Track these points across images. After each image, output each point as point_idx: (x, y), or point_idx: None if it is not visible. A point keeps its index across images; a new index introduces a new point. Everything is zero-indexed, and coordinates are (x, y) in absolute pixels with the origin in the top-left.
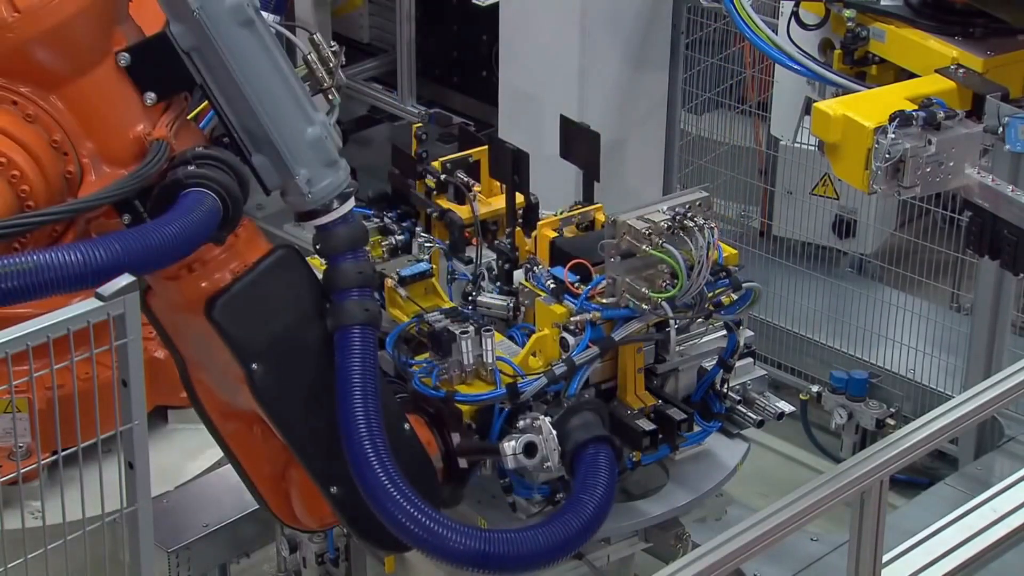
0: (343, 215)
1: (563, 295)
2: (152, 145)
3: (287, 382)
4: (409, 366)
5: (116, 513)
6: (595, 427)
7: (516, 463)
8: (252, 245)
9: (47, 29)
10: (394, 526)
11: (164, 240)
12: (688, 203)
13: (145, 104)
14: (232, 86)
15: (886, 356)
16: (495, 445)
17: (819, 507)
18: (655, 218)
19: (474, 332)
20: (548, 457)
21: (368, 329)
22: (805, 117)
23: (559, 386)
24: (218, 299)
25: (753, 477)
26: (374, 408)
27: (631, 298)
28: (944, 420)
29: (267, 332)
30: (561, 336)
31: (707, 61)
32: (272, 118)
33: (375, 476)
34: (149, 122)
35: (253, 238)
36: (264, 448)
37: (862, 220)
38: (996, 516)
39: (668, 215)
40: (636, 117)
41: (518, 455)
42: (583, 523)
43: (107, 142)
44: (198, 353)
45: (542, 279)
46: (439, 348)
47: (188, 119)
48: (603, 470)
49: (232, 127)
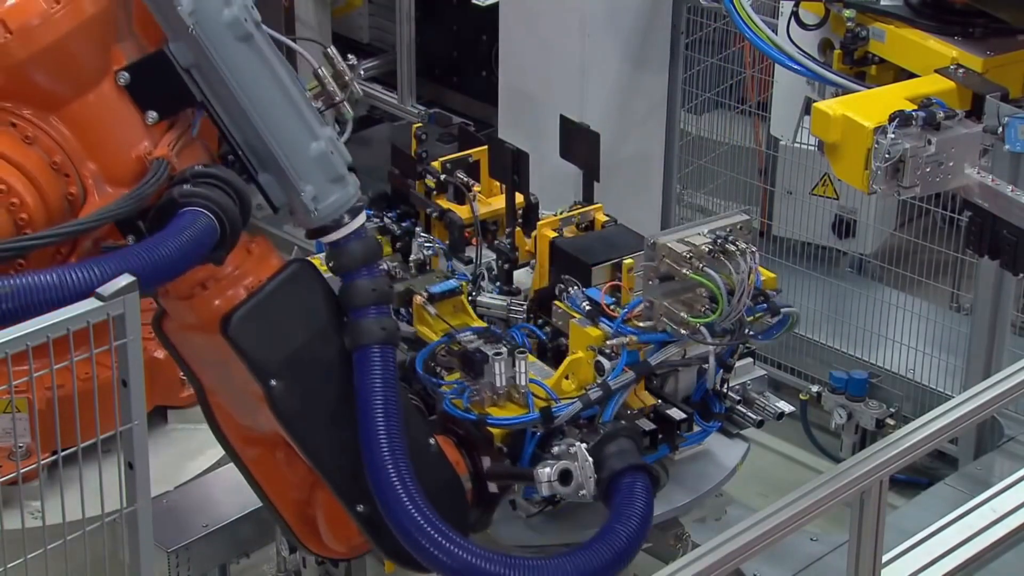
0: (354, 230)
1: (599, 317)
2: (152, 164)
3: (307, 398)
4: (438, 386)
5: (116, 513)
6: (632, 455)
7: (551, 490)
8: (265, 261)
9: (41, 49)
10: (416, 551)
11: (151, 261)
12: (729, 226)
13: (147, 123)
14: (233, 102)
15: (886, 356)
16: (528, 471)
17: (819, 507)
18: (695, 241)
19: (507, 354)
20: (584, 485)
21: (388, 348)
22: (805, 117)
23: (593, 410)
24: (233, 315)
25: (753, 477)
26: (396, 430)
27: (668, 322)
28: (944, 420)
29: (284, 347)
30: (596, 360)
31: (707, 61)
32: (274, 134)
33: (398, 500)
34: (151, 141)
35: (266, 254)
36: (288, 473)
37: (862, 220)
38: (996, 516)
39: (709, 238)
40: (636, 117)
41: (553, 482)
42: (615, 554)
43: (109, 162)
44: (217, 376)
45: (577, 300)
46: (471, 369)
47: (194, 137)
48: (639, 500)
49: (236, 144)
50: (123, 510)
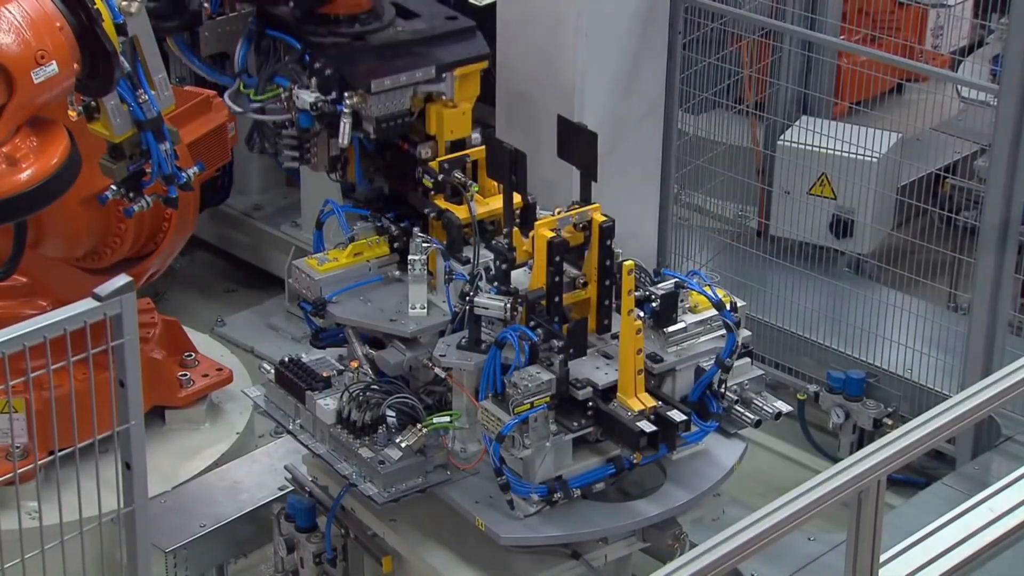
0: None
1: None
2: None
3: None
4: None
5: (113, 513)
6: None
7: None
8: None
9: None
10: None
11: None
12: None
13: None
14: None
15: (883, 356)
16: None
17: (816, 507)
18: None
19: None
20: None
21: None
22: (802, 116)
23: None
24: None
25: (750, 477)
26: None
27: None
28: (941, 420)
29: None
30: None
31: (704, 61)
32: None
33: None
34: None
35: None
36: None
37: (859, 220)
38: (993, 516)
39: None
40: (633, 117)
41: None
42: None
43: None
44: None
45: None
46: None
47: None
48: None
49: None
50: (120, 511)
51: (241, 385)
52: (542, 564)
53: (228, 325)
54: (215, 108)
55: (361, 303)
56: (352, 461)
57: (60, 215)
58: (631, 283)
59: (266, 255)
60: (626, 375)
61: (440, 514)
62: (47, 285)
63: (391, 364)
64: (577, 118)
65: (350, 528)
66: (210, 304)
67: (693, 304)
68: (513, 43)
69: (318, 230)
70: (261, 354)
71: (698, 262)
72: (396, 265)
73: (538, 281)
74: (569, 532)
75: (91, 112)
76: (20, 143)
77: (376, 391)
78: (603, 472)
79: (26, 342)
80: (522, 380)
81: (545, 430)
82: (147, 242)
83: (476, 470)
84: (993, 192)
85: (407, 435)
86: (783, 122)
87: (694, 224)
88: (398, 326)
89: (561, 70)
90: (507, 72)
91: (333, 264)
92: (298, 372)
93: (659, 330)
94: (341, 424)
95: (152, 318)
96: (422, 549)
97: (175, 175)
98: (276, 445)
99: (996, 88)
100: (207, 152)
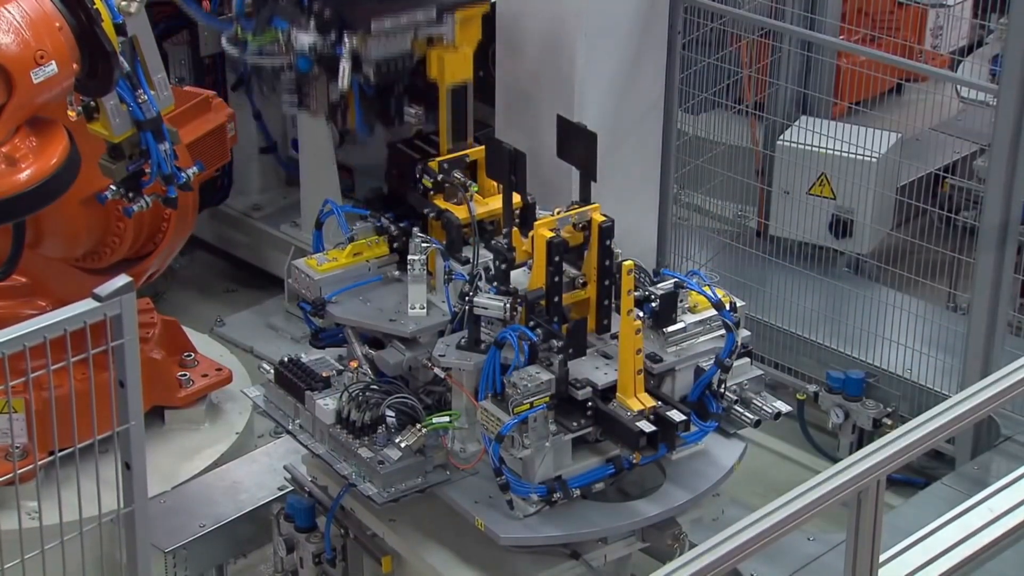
0: None
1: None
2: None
3: None
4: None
5: (113, 513)
6: None
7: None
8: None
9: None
10: None
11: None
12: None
13: None
14: None
15: (883, 356)
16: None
17: (816, 507)
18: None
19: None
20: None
21: None
22: (800, 116)
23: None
24: None
25: (750, 477)
26: None
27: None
28: (941, 420)
29: None
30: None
31: (704, 61)
32: None
33: None
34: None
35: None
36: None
37: (859, 220)
38: (993, 516)
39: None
40: (633, 117)
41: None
42: None
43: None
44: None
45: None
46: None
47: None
48: None
49: None
50: (120, 511)
51: (241, 385)
52: (542, 564)
53: (228, 325)
54: (214, 108)
55: (360, 303)
56: (351, 461)
57: (59, 215)
58: (630, 283)
59: (265, 255)
60: (625, 375)
61: (440, 514)
62: (47, 285)
63: (390, 364)
64: (577, 118)
65: (350, 528)
66: (210, 304)
67: (692, 304)
68: (513, 43)
69: (317, 230)
70: (260, 354)
71: (698, 262)
72: (395, 265)
73: (537, 281)
74: (568, 532)
75: (90, 112)
76: (19, 143)
77: (375, 391)
78: (602, 472)
79: (26, 342)
80: (521, 380)
81: (544, 430)
82: (146, 242)
83: (475, 470)
84: (992, 192)
85: (406, 435)
86: (782, 122)
87: (693, 224)
88: (397, 326)
89: (561, 70)
90: (507, 72)
91: (332, 264)
92: (297, 372)
93: (658, 330)
94: (340, 424)
95: (152, 318)
96: (422, 549)
97: (174, 175)
98: (275, 445)
99: (995, 88)
100: (206, 152)
